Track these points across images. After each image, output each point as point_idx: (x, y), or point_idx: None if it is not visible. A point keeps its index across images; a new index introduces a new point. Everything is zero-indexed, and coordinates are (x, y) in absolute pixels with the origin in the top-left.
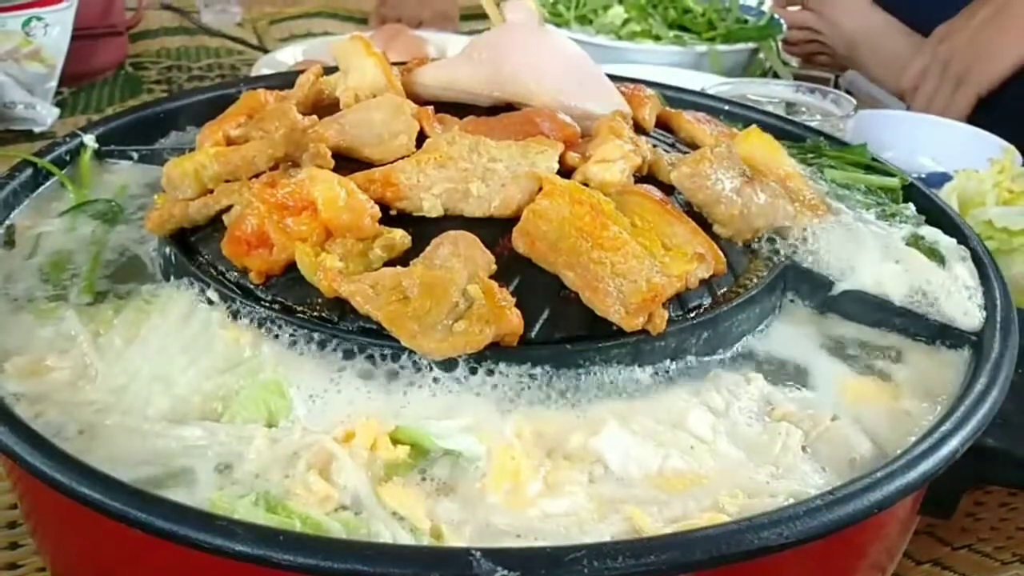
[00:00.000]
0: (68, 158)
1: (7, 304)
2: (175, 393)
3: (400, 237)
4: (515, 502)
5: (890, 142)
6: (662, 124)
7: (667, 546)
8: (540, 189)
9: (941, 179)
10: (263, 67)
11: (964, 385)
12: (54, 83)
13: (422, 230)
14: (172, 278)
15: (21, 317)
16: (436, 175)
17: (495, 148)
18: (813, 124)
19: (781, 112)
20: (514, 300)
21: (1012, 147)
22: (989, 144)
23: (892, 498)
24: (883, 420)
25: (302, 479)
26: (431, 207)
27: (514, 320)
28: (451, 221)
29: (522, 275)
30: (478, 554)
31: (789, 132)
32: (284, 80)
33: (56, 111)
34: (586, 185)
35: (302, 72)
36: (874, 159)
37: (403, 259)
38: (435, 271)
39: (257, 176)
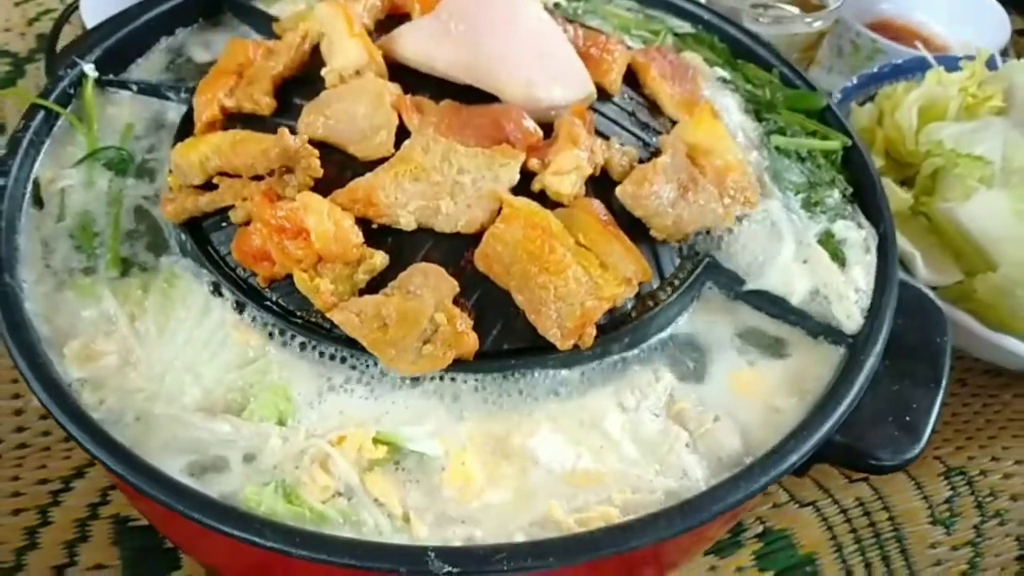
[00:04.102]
0: (72, 91)
1: (52, 280)
2: (203, 384)
3: (380, 260)
4: (465, 495)
5: None
6: (631, 74)
7: (559, 550)
8: (501, 208)
9: (918, 65)
10: None
11: (830, 386)
12: None
13: (400, 241)
14: (189, 259)
15: (65, 295)
16: (411, 190)
17: (464, 157)
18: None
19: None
20: (473, 315)
21: (1004, 18)
22: (985, 5)
23: (731, 505)
24: (756, 416)
25: (308, 471)
26: (407, 223)
27: (471, 343)
28: (424, 233)
29: (481, 289)
30: (432, 554)
31: (758, 56)
32: None
33: None
34: (543, 192)
35: None
36: (827, 108)
37: (384, 272)
38: (408, 301)
39: (257, 178)
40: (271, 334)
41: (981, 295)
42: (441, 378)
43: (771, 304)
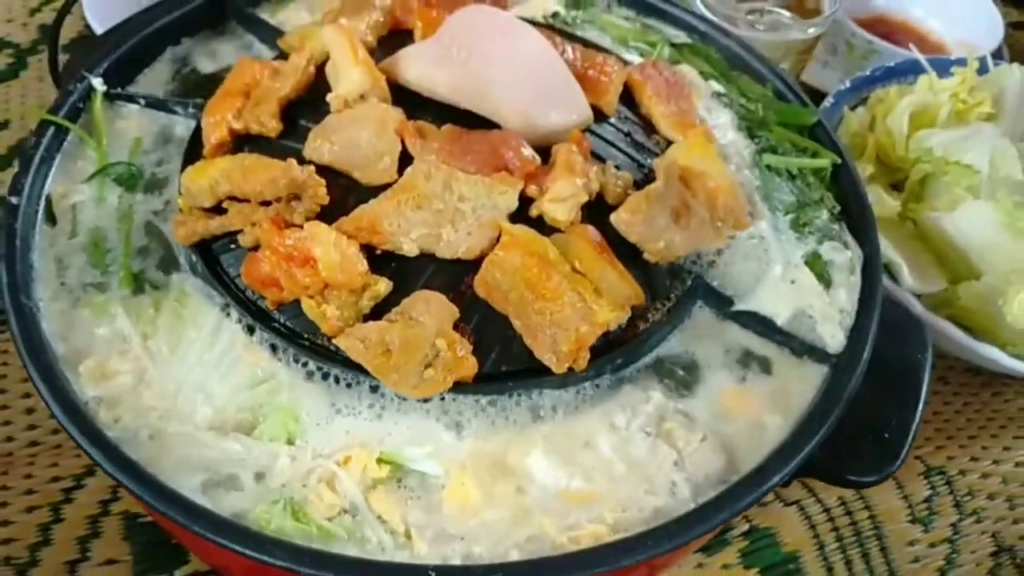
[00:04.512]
0: (81, 105)
1: (67, 298)
2: (215, 403)
3: (384, 287)
4: (463, 512)
5: None
6: (627, 91)
7: (553, 568)
8: (500, 235)
9: (910, 67)
10: None
11: (813, 405)
12: None
13: (403, 266)
14: (199, 278)
15: (80, 313)
16: (414, 218)
17: (465, 184)
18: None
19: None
20: (473, 339)
21: (997, 18)
22: (980, 5)
23: (716, 524)
24: (742, 433)
25: (315, 489)
26: (410, 249)
27: (470, 366)
28: (426, 259)
29: (481, 314)
30: (433, 573)
31: (753, 68)
32: None
33: None
34: (541, 217)
35: None
36: (818, 123)
37: (388, 296)
38: (410, 328)
39: (265, 203)
40: (280, 356)
41: (964, 302)
42: (442, 399)
43: (759, 324)
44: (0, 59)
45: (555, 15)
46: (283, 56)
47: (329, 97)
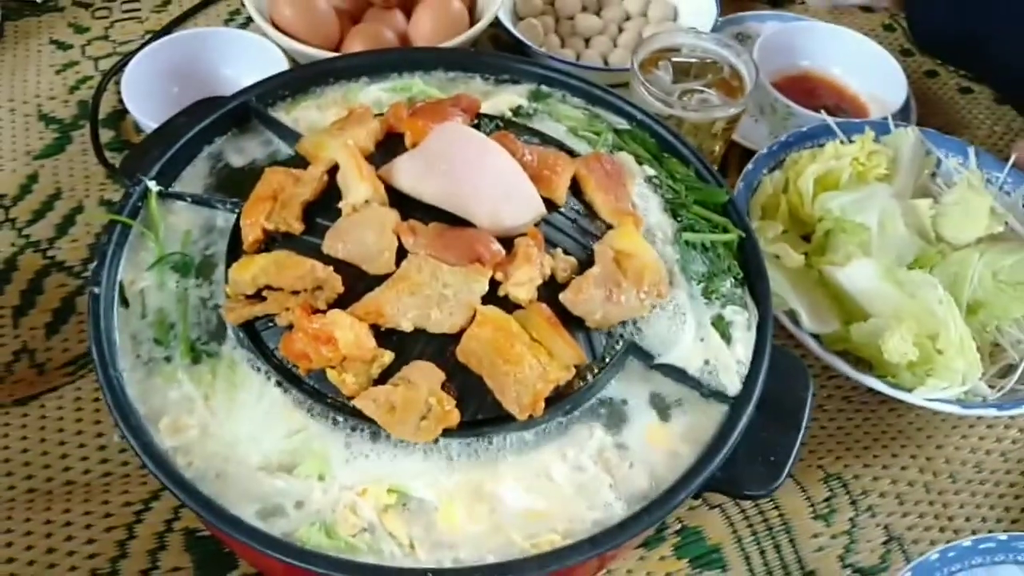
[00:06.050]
0: (140, 204)
1: (143, 368)
2: (263, 450)
3: (388, 357)
4: (452, 528)
5: (807, 50)
6: (575, 182)
7: (518, 567)
8: (475, 314)
9: (822, 131)
10: None
11: (714, 437)
12: None
13: (402, 340)
14: (246, 351)
15: (154, 380)
16: (409, 303)
17: (448, 274)
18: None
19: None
20: (456, 396)
21: (902, 78)
22: (889, 66)
23: (640, 531)
24: (662, 460)
25: (342, 514)
26: (407, 327)
27: (455, 417)
28: (420, 334)
29: (462, 376)
30: (430, 574)
31: (680, 152)
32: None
33: None
34: (506, 296)
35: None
36: (729, 201)
37: (391, 365)
38: (410, 391)
39: (295, 291)
40: (311, 412)
41: (856, 340)
42: (435, 442)
43: (675, 373)
44: (47, 135)
45: (519, 108)
46: (300, 156)
47: (341, 204)
